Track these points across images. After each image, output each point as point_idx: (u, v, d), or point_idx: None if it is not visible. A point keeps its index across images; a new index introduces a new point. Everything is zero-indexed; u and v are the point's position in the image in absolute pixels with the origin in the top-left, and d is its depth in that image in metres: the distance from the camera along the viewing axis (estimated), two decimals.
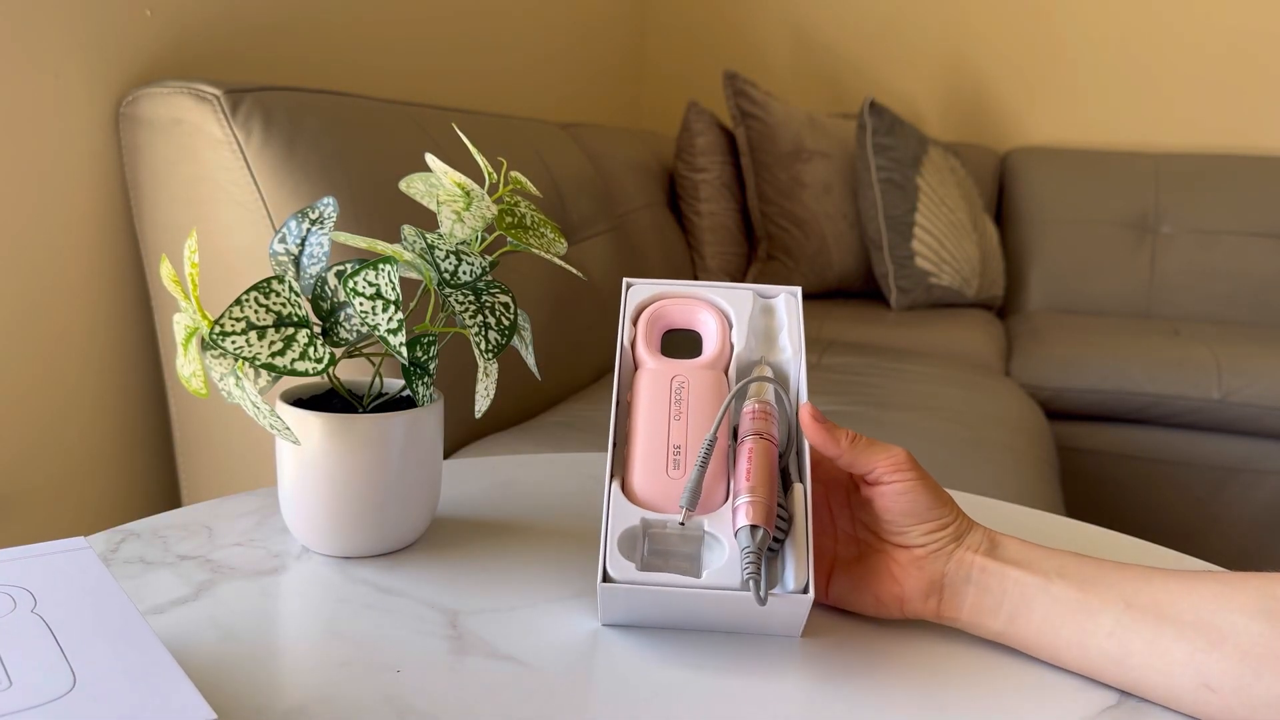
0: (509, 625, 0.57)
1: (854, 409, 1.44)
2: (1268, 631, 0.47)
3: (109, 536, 0.66)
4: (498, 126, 1.59)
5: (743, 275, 2.36)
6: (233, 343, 0.55)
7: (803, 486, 0.57)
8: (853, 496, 0.59)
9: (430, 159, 0.65)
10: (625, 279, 0.66)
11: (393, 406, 0.64)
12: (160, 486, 1.25)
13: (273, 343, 0.56)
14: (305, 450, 0.61)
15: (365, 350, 0.65)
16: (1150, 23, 2.65)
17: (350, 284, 0.57)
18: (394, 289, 0.57)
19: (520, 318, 0.64)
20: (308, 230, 0.62)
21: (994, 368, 2.00)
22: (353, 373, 0.74)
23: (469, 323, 0.62)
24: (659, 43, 2.96)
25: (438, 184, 0.64)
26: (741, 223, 2.38)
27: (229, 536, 0.67)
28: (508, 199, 0.66)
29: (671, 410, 0.59)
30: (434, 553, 0.66)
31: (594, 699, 0.51)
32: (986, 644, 0.57)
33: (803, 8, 2.86)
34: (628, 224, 1.91)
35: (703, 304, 0.65)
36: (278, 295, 0.57)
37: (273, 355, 0.56)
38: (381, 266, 0.58)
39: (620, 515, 0.56)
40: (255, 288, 0.56)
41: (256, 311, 0.56)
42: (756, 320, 0.65)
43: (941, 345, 2.04)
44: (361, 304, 0.57)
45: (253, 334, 0.56)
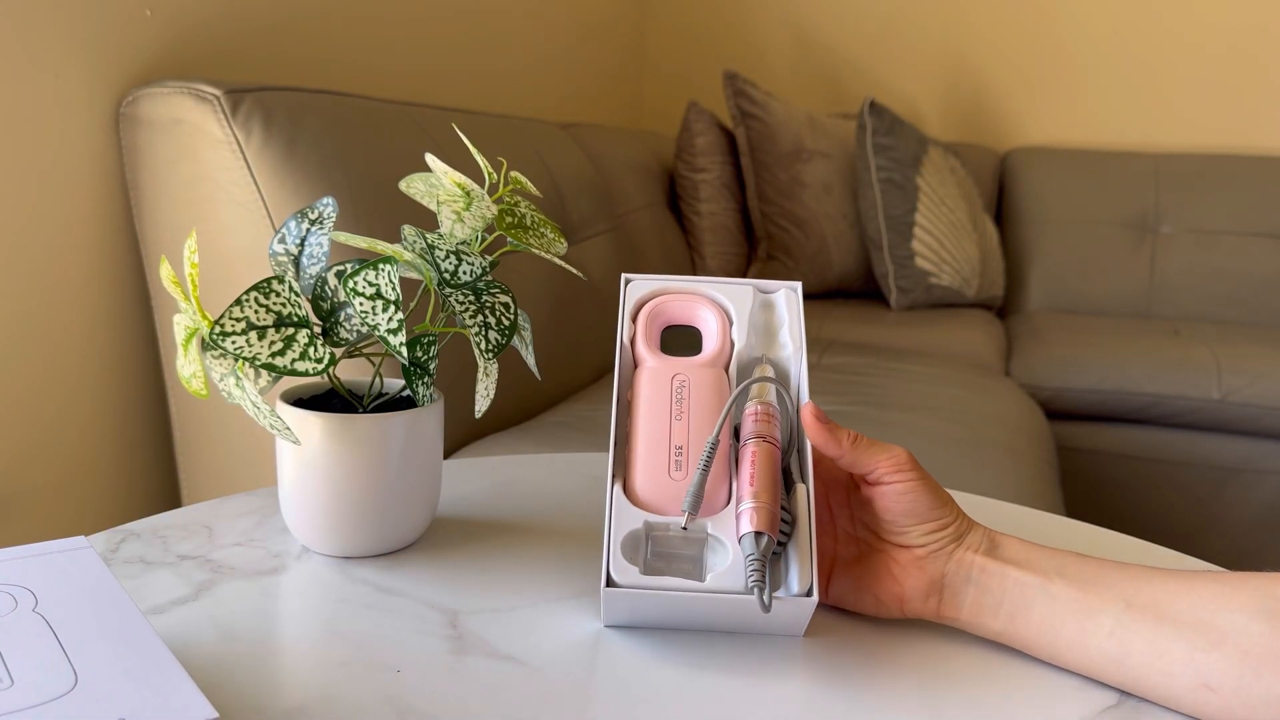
0: (509, 625, 0.57)
1: (854, 409, 1.44)
2: (1267, 631, 0.47)
3: (109, 536, 0.66)
4: (498, 126, 1.59)
5: (743, 275, 2.36)
6: (233, 343, 0.55)
7: (805, 487, 0.57)
8: (853, 496, 0.59)
9: (430, 159, 0.65)
10: (624, 275, 0.65)
11: (393, 406, 0.64)
12: (160, 486, 1.25)
13: (273, 343, 0.56)
14: (305, 450, 0.61)
15: (365, 350, 0.65)
16: (1150, 23, 2.65)
17: (350, 284, 0.57)
18: (394, 289, 0.57)
19: (520, 318, 0.64)
20: (308, 230, 0.62)
21: (994, 368, 2.00)
22: (353, 373, 0.74)
23: (469, 323, 0.62)
24: (659, 43, 2.96)
25: (438, 184, 0.64)
26: (741, 223, 2.39)
27: (229, 536, 0.67)
28: (508, 199, 0.66)
29: (673, 410, 0.59)
30: (434, 553, 0.66)
31: (594, 699, 0.51)
32: (986, 644, 0.57)
33: (803, 8, 2.86)
34: (628, 224, 1.91)
35: (702, 300, 0.64)
36: (278, 295, 0.57)
37: (273, 355, 0.56)
38: (381, 266, 0.58)
39: (622, 518, 0.56)
40: (255, 288, 0.56)
41: (256, 311, 0.56)
42: (756, 316, 0.64)
43: (941, 345, 2.04)
44: (361, 304, 0.57)
45: (253, 334, 0.56)
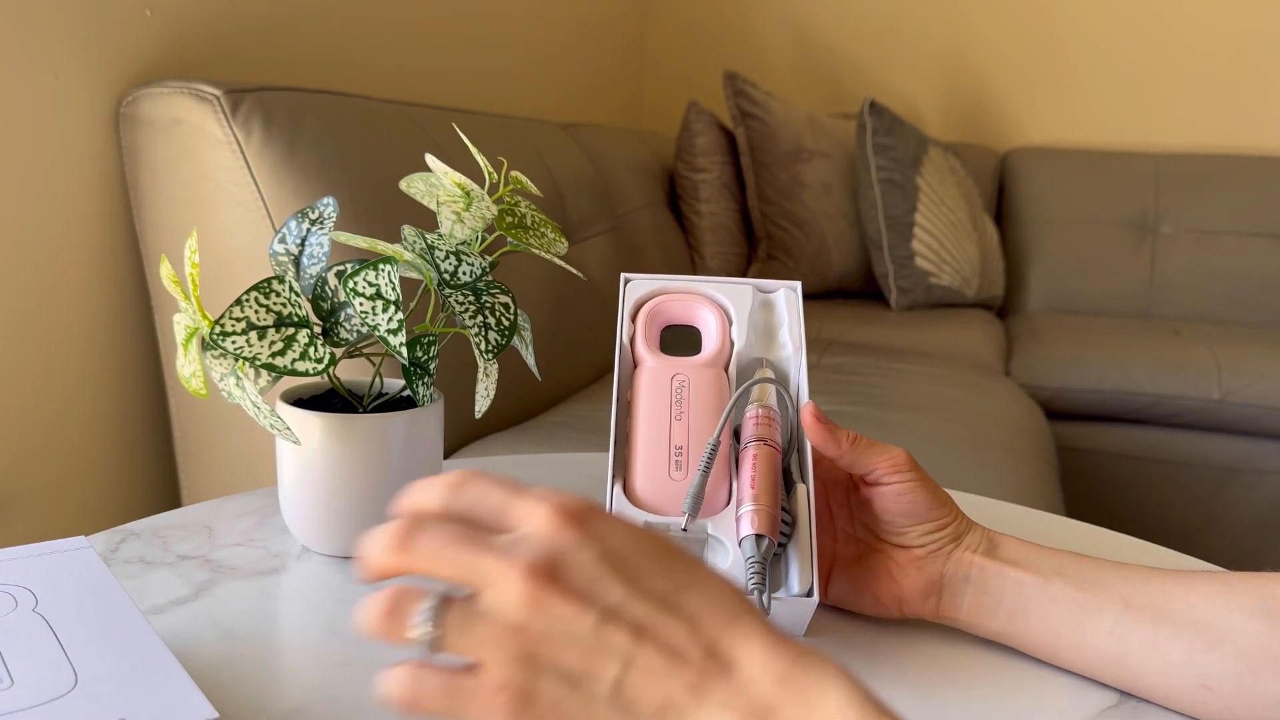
0: None
1: (854, 409, 1.44)
2: (1266, 631, 0.47)
3: (109, 536, 0.66)
4: (498, 126, 1.59)
5: (743, 275, 2.36)
6: (233, 343, 0.55)
7: (806, 487, 0.57)
8: (852, 496, 0.59)
9: (430, 159, 0.65)
10: (623, 274, 0.65)
11: (393, 406, 0.64)
12: (160, 486, 1.25)
13: (273, 343, 0.56)
14: (305, 450, 0.61)
15: (365, 350, 0.65)
16: (1150, 23, 2.65)
17: (350, 284, 0.57)
18: (394, 289, 0.57)
19: (520, 318, 0.64)
20: (308, 230, 0.62)
21: (994, 368, 2.00)
22: (353, 373, 0.74)
23: (469, 323, 0.62)
24: (659, 43, 2.96)
25: (438, 184, 0.64)
26: (741, 223, 2.39)
27: (229, 536, 0.67)
28: (508, 199, 0.66)
29: (672, 410, 0.59)
30: None
31: None
32: (986, 644, 0.56)
33: (803, 8, 2.86)
34: (628, 224, 1.91)
35: (702, 300, 0.64)
36: (278, 295, 0.57)
37: (273, 355, 0.56)
38: (381, 266, 0.58)
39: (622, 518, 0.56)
40: (255, 288, 0.56)
41: (257, 311, 0.56)
42: (756, 316, 0.64)
43: (941, 345, 2.04)
44: (361, 304, 0.57)
45: (253, 334, 0.56)
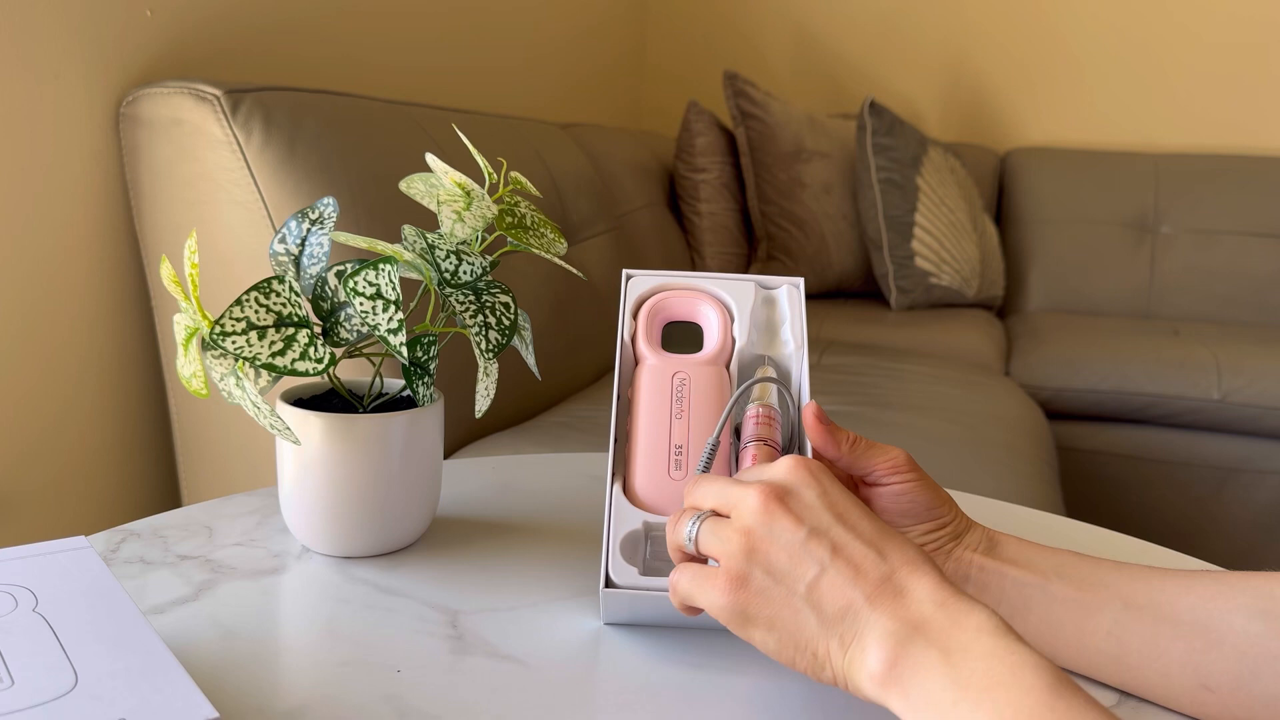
0: (509, 625, 0.57)
1: (854, 409, 1.44)
2: (1265, 631, 0.47)
3: (109, 536, 0.66)
4: (498, 126, 1.59)
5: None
6: (233, 343, 0.55)
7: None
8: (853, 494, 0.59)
9: (430, 159, 0.65)
10: (625, 270, 0.65)
11: (393, 406, 0.64)
12: (160, 486, 1.25)
13: (273, 343, 0.56)
14: (305, 450, 0.61)
15: (365, 350, 0.65)
16: (1150, 23, 2.65)
17: (350, 284, 0.57)
18: (394, 289, 0.57)
19: (520, 318, 0.64)
20: (308, 230, 0.62)
21: (994, 368, 2.00)
22: (353, 373, 0.74)
23: (469, 323, 0.62)
24: (659, 43, 2.96)
25: (438, 184, 0.64)
26: (741, 223, 2.39)
27: (229, 536, 0.67)
28: (508, 199, 0.66)
29: (673, 409, 0.59)
30: (434, 553, 0.66)
31: (594, 699, 0.51)
32: None
33: (803, 8, 2.86)
34: (628, 224, 1.91)
35: (704, 296, 0.64)
36: (278, 295, 0.57)
37: (273, 355, 0.56)
38: (382, 266, 0.58)
39: (622, 518, 0.57)
40: (255, 288, 0.56)
41: (257, 311, 0.56)
42: (758, 313, 0.64)
43: (941, 345, 2.04)
44: (362, 304, 0.57)
45: (253, 334, 0.56)
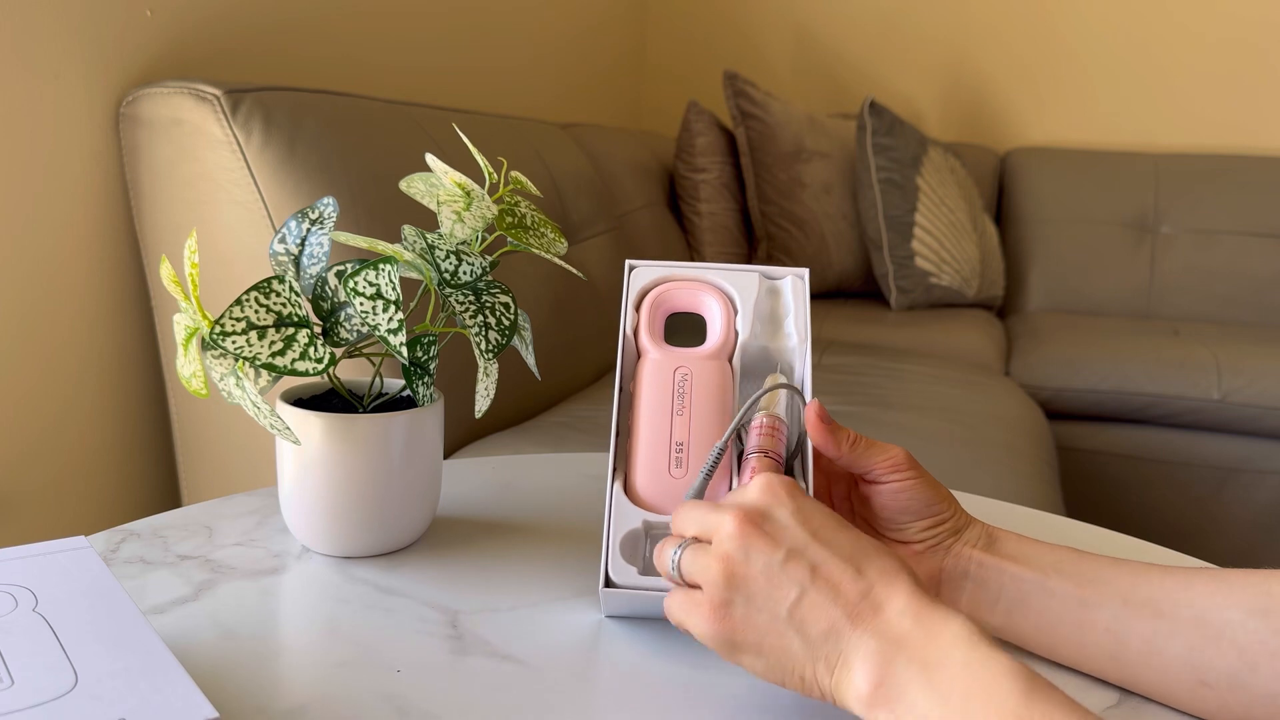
0: (509, 625, 0.57)
1: (854, 409, 1.44)
2: (1264, 628, 0.47)
3: (109, 536, 0.66)
4: (498, 126, 1.59)
5: None
6: (233, 343, 0.55)
7: (806, 485, 0.57)
8: (854, 490, 0.60)
9: (430, 159, 0.65)
10: (628, 260, 0.65)
11: (393, 406, 0.64)
12: (160, 486, 1.25)
13: (273, 343, 0.56)
14: (305, 450, 0.61)
15: (365, 350, 0.65)
16: (1150, 23, 2.65)
17: (350, 284, 0.57)
18: (394, 289, 0.57)
19: (520, 318, 0.64)
20: (308, 230, 0.62)
21: (994, 368, 2.00)
22: (353, 373, 0.74)
23: (469, 323, 0.62)
24: (659, 43, 2.96)
25: (438, 184, 0.64)
26: (741, 223, 2.39)
27: (229, 536, 0.67)
28: (508, 199, 0.66)
29: (674, 405, 0.58)
30: (434, 553, 0.66)
31: (594, 699, 0.51)
32: None
33: (803, 8, 2.86)
34: (628, 224, 1.91)
35: (707, 288, 0.63)
36: (278, 295, 0.57)
37: (273, 355, 0.56)
38: (382, 266, 0.58)
39: (622, 517, 0.56)
40: (255, 288, 0.56)
41: (257, 311, 0.56)
42: (762, 304, 0.63)
43: (941, 345, 2.04)
44: (362, 304, 0.57)
45: (253, 334, 0.56)
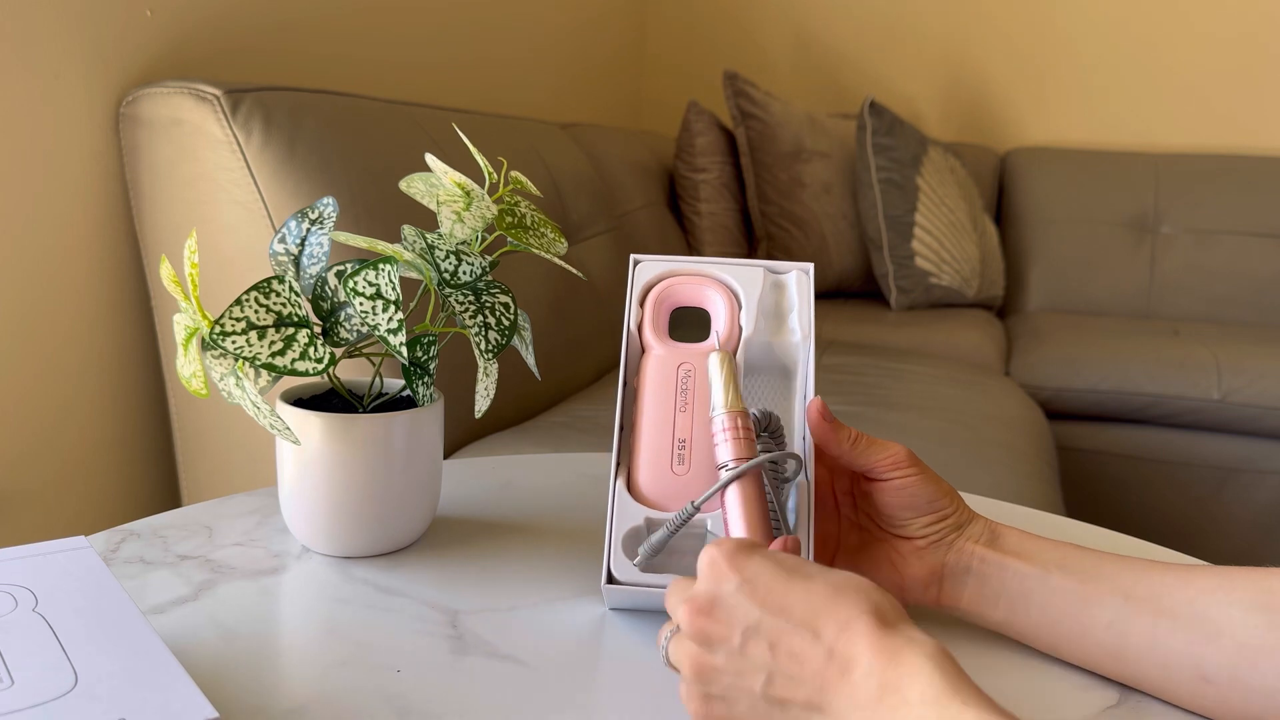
0: (509, 625, 0.57)
1: (854, 409, 1.44)
2: (1264, 624, 0.48)
3: (109, 536, 0.66)
4: (498, 126, 1.59)
5: None
6: (233, 343, 0.55)
7: (807, 482, 0.57)
8: (856, 486, 0.60)
9: (430, 159, 0.65)
10: (633, 255, 0.65)
11: (393, 406, 0.64)
12: (160, 486, 1.25)
13: (273, 343, 0.56)
14: (305, 450, 0.61)
15: (365, 350, 0.65)
16: (1150, 23, 2.65)
17: (350, 284, 0.57)
18: (394, 289, 0.57)
19: (520, 318, 0.64)
20: (308, 230, 0.62)
21: (994, 368, 2.00)
22: (353, 373, 0.74)
23: (469, 323, 0.62)
24: (659, 42, 2.96)
25: (438, 184, 0.64)
26: (741, 223, 2.38)
27: (229, 536, 0.67)
28: (508, 199, 0.66)
29: (677, 402, 0.59)
30: (434, 553, 0.66)
31: (594, 698, 0.51)
32: (986, 640, 0.57)
33: (803, 7, 2.86)
34: (628, 224, 1.91)
35: (711, 283, 0.64)
36: (278, 295, 0.57)
37: (273, 355, 0.56)
38: (381, 266, 0.58)
39: (624, 513, 0.57)
40: (255, 288, 0.56)
41: (256, 311, 0.56)
42: (767, 299, 0.63)
43: (941, 345, 2.04)
44: (361, 304, 0.57)
45: (253, 334, 0.56)
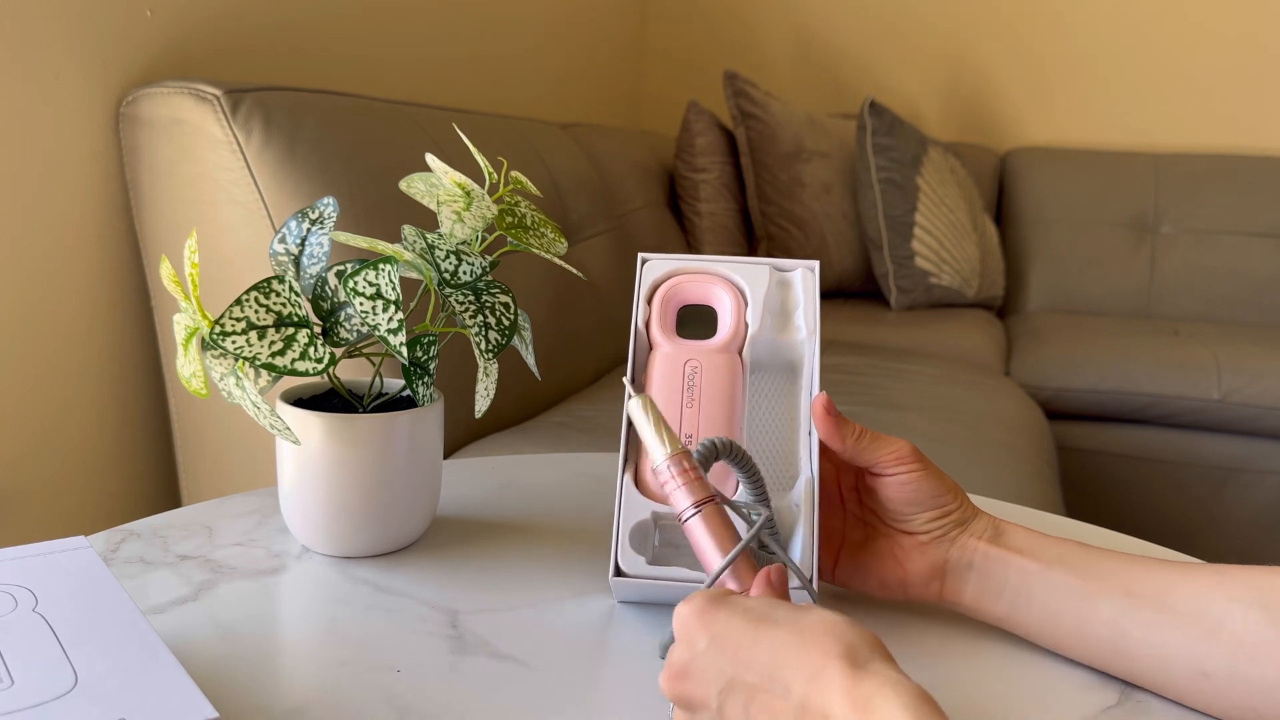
0: (509, 625, 0.57)
1: (854, 409, 1.44)
2: (1263, 620, 0.48)
3: (109, 536, 0.66)
4: (498, 126, 1.59)
5: None
6: (233, 343, 0.55)
7: (811, 479, 0.58)
8: (861, 481, 0.60)
9: (430, 159, 0.65)
10: (640, 254, 0.66)
11: (393, 406, 0.64)
12: (160, 486, 1.25)
13: (273, 343, 0.56)
14: (305, 450, 0.61)
15: (365, 350, 0.65)
16: (1150, 23, 2.65)
17: (350, 284, 0.57)
18: (394, 289, 0.57)
19: (520, 318, 0.64)
20: (308, 230, 0.62)
21: (994, 368, 2.00)
22: (353, 373, 0.74)
23: (469, 323, 0.62)
24: (659, 42, 2.96)
25: (438, 184, 0.64)
26: (741, 223, 2.38)
27: (229, 536, 0.67)
28: (508, 199, 0.66)
29: (684, 398, 0.60)
30: (434, 553, 0.66)
31: (595, 698, 0.51)
32: (987, 639, 0.57)
33: (803, 7, 2.86)
34: (628, 224, 1.91)
35: (718, 280, 0.65)
36: (278, 295, 0.57)
37: (273, 355, 0.56)
38: (381, 266, 0.58)
39: (632, 508, 0.58)
40: (255, 288, 0.56)
41: (256, 311, 0.56)
42: (772, 296, 0.64)
43: (941, 345, 2.04)
44: (361, 304, 0.57)
45: (253, 334, 0.56)
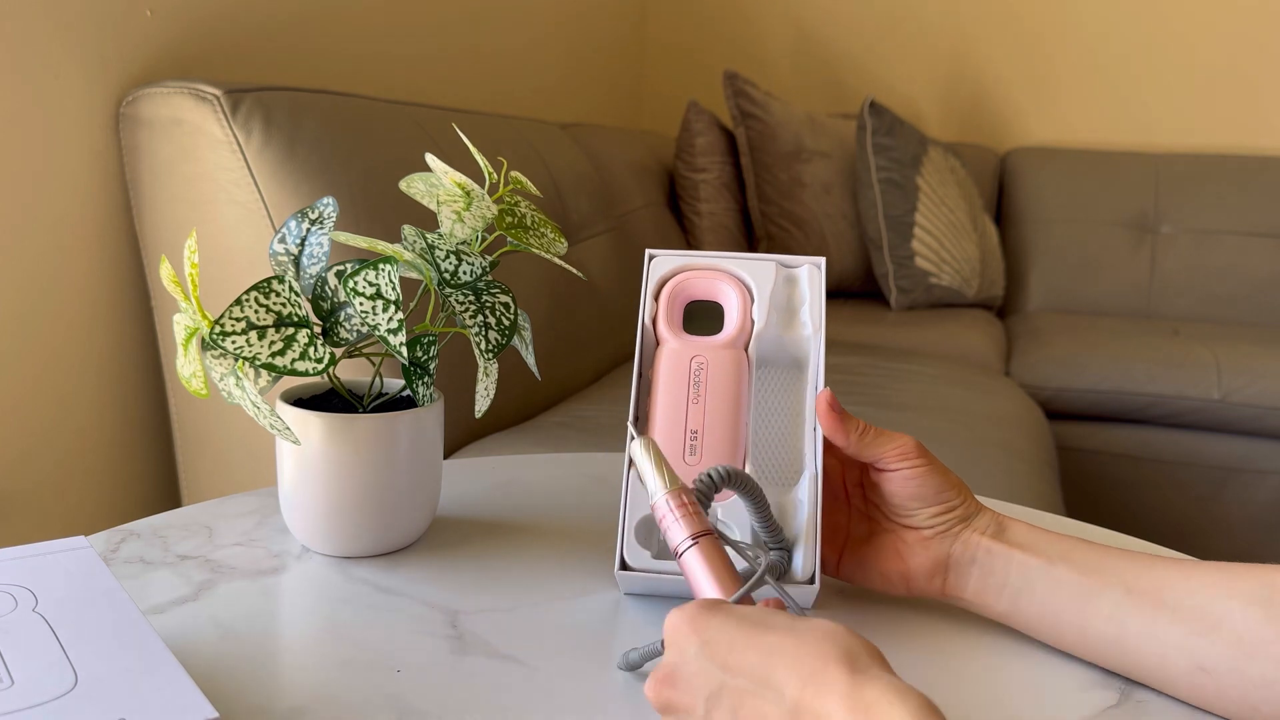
0: (509, 625, 0.57)
1: (854, 409, 1.43)
2: (1262, 617, 0.48)
3: (109, 536, 0.66)
4: (498, 126, 1.59)
5: None
6: (233, 343, 0.55)
7: (815, 474, 0.58)
8: (865, 477, 0.61)
9: (430, 159, 0.65)
10: (648, 250, 0.66)
11: (393, 406, 0.64)
12: (160, 486, 1.25)
13: (273, 343, 0.56)
14: (305, 450, 0.61)
15: (365, 350, 0.65)
16: (1150, 24, 2.65)
17: (350, 284, 0.57)
18: (394, 289, 0.57)
19: (520, 318, 0.64)
20: (308, 230, 0.62)
21: (994, 368, 2.00)
22: (353, 373, 0.74)
23: (469, 323, 0.62)
24: (659, 41, 2.96)
25: (438, 184, 0.64)
26: (741, 223, 2.38)
27: (229, 536, 0.67)
28: (508, 199, 0.66)
29: (690, 394, 0.60)
30: (434, 553, 0.66)
31: (595, 698, 0.51)
32: (989, 637, 0.57)
33: (803, 7, 2.86)
34: (628, 224, 1.91)
35: (725, 276, 0.65)
36: (278, 295, 0.57)
37: (273, 355, 0.56)
38: (381, 266, 0.58)
39: (637, 503, 0.58)
40: (255, 288, 0.56)
41: (256, 311, 0.56)
42: (779, 293, 0.65)
43: (941, 345, 2.04)
44: (361, 304, 0.57)
45: (253, 334, 0.56)
